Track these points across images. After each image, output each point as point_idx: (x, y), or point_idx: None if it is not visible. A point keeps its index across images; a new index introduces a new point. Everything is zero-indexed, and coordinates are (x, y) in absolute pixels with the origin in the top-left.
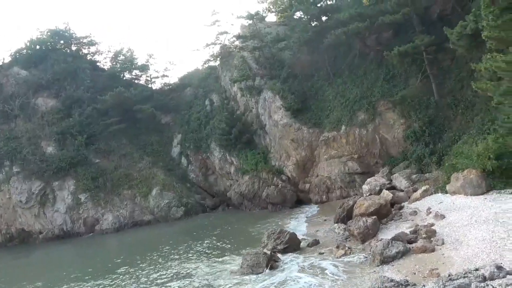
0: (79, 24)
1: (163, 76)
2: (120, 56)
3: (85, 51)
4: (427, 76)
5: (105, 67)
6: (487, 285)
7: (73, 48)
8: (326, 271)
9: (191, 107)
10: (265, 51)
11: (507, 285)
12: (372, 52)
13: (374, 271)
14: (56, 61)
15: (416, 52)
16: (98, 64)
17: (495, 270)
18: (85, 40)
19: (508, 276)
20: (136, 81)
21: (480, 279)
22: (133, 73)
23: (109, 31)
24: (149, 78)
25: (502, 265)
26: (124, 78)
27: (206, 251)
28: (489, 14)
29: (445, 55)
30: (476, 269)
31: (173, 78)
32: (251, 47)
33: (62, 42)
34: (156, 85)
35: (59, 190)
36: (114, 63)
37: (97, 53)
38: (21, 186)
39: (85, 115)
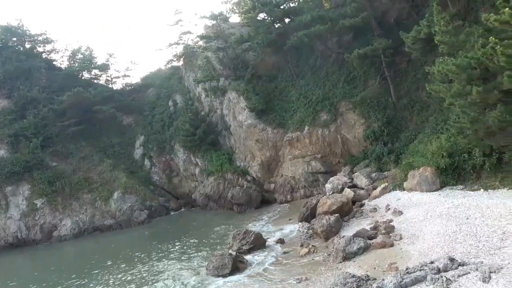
0: (34, 21)
1: (124, 76)
2: (78, 55)
3: (40, 49)
4: (385, 78)
5: (62, 66)
6: (441, 276)
7: (27, 45)
8: (290, 270)
9: (154, 108)
10: (229, 51)
11: (459, 275)
12: (334, 54)
13: (337, 267)
14: (8, 59)
15: (374, 54)
16: (54, 63)
17: (448, 262)
18: (40, 38)
19: (460, 268)
20: (95, 81)
21: (435, 271)
22: (93, 73)
23: (66, 29)
24: (109, 78)
25: (454, 257)
26: (83, 78)
27: (171, 254)
28: (441, 20)
29: (401, 58)
30: (431, 262)
31: (135, 78)
32: (215, 48)
33: (14, 39)
34: (117, 85)
35: (12, 196)
36: (72, 62)
37: (53, 52)
38: None
39: (40, 116)
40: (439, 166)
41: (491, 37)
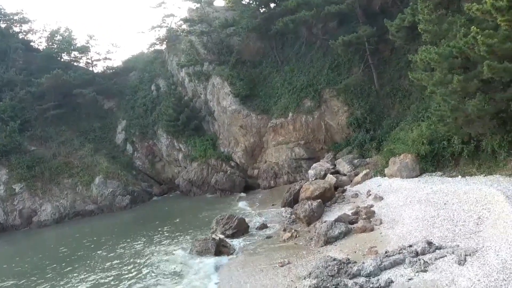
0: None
1: (106, 59)
2: (57, 36)
3: (16, 29)
4: (368, 66)
5: (40, 48)
6: (419, 259)
7: (2, 25)
8: (273, 254)
9: (136, 92)
10: (213, 36)
11: (436, 258)
12: (319, 41)
13: (319, 251)
14: None
15: (359, 42)
16: (32, 44)
17: (426, 245)
18: (16, 17)
19: (437, 251)
20: (75, 64)
21: (413, 254)
22: (72, 55)
23: (44, 9)
24: (90, 61)
25: (432, 241)
26: (62, 60)
27: (154, 238)
28: (424, 8)
29: (385, 46)
30: (410, 246)
31: (116, 62)
32: (199, 32)
33: None
34: (98, 68)
35: None
36: (51, 44)
37: (31, 32)
38: None
39: (17, 99)
40: (419, 153)
41: (473, 27)
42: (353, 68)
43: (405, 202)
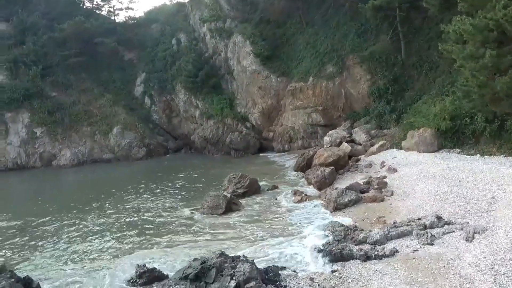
0: None
1: (128, 8)
2: None
3: None
4: (397, 34)
5: None
6: (427, 232)
7: None
8: (282, 215)
9: (156, 45)
10: None
11: (443, 233)
12: (347, 3)
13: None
14: None
15: (390, 7)
16: None
17: (435, 220)
18: None
19: (445, 226)
20: (97, 12)
21: (421, 227)
22: (94, 2)
23: None
24: (112, 10)
25: (442, 216)
26: (84, 7)
27: (168, 191)
28: None
29: (417, 14)
30: (419, 219)
31: (138, 12)
32: None
33: None
34: (120, 18)
35: (12, 123)
36: None
37: None
38: None
39: (40, 44)
40: (440, 128)
41: None
42: (381, 36)
43: (419, 176)
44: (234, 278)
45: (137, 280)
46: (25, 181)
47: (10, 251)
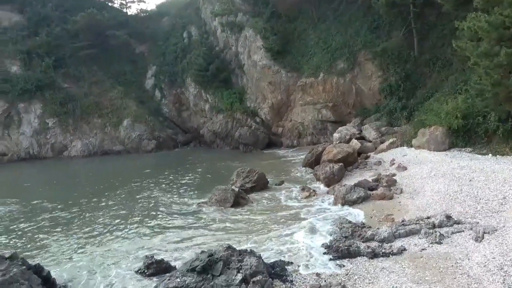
0: None
1: (140, 1)
2: None
3: None
4: (410, 30)
5: None
6: (435, 231)
7: None
8: (290, 210)
9: (167, 39)
10: None
11: (452, 232)
12: None
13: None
14: None
15: (403, 3)
16: None
17: (445, 219)
18: None
19: (455, 225)
20: (109, 4)
21: (430, 226)
22: None
23: None
24: (124, 2)
25: (451, 215)
26: (97, 0)
27: (176, 184)
28: None
29: (431, 10)
30: (428, 217)
31: (150, 5)
32: None
33: None
34: (132, 10)
35: (25, 113)
36: None
37: None
38: None
39: (53, 36)
40: (451, 127)
41: None
42: (393, 32)
43: (429, 174)
44: (240, 271)
45: (145, 271)
46: (38, 171)
47: (21, 239)
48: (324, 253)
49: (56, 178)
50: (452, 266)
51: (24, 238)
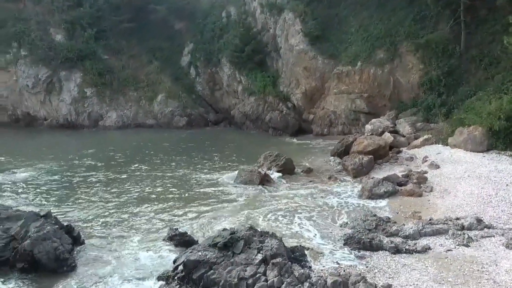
0: None
1: None
2: None
3: None
4: (458, 23)
5: None
6: (464, 233)
7: None
8: (315, 197)
9: (206, 17)
10: None
11: (482, 236)
12: None
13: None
14: None
15: None
16: None
17: (475, 222)
18: None
19: (485, 229)
20: None
21: (459, 227)
22: None
23: None
24: None
25: (482, 218)
26: None
27: (205, 161)
28: None
29: (483, 3)
30: (457, 218)
31: None
32: None
33: None
34: None
35: (65, 81)
36: None
37: None
38: (28, 70)
39: (96, 7)
40: (492, 128)
41: None
42: (440, 24)
43: (462, 175)
44: (261, 252)
45: (168, 242)
46: (76, 138)
47: (56, 200)
48: (345, 244)
49: (92, 146)
50: (478, 270)
51: (61, 198)
